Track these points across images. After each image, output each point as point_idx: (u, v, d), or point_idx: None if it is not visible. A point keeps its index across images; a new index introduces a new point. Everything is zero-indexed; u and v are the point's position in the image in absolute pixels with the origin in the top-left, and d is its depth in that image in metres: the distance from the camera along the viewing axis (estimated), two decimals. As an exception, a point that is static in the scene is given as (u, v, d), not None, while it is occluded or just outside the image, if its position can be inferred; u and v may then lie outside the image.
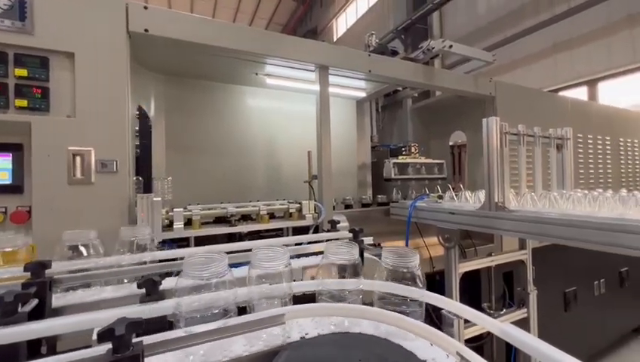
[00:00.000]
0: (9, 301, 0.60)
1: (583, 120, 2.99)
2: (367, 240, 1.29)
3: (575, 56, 5.34)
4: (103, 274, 0.90)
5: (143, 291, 0.72)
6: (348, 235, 1.32)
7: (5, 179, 1.22)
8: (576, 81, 5.41)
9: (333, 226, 1.45)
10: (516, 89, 2.72)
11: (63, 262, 0.90)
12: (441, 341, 0.53)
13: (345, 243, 0.80)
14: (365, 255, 1.12)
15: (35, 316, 0.67)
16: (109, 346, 0.43)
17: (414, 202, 1.97)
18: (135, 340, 0.46)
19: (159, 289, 0.72)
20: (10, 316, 0.60)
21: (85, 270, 0.91)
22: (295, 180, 2.39)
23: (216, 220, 1.71)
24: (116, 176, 1.31)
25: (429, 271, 2.06)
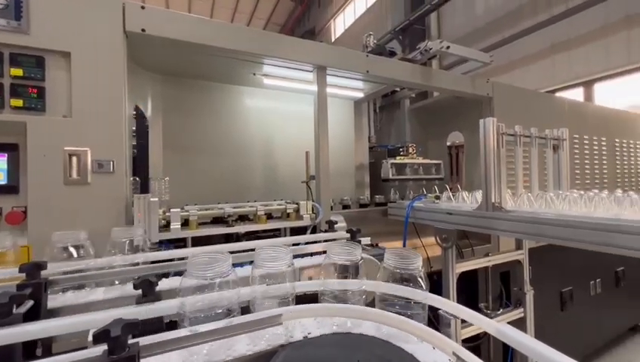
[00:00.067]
0: (4, 302, 0.60)
1: (579, 121, 3.01)
2: (365, 240, 1.29)
3: (573, 57, 5.38)
4: (99, 275, 0.89)
5: (139, 292, 0.71)
6: (345, 236, 1.32)
7: (0, 179, 1.22)
8: (573, 82, 5.44)
9: (330, 227, 1.45)
10: (513, 90, 2.73)
11: (58, 263, 0.89)
12: (438, 341, 0.53)
13: (348, 244, 0.80)
14: (363, 255, 1.12)
15: (31, 317, 0.66)
16: (104, 347, 0.43)
17: (412, 202, 1.97)
18: (131, 341, 0.46)
19: (156, 290, 0.72)
20: (5, 317, 0.59)
21: (81, 271, 0.90)
22: (293, 180, 2.39)
23: (214, 221, 1.71)
24: (113, 177, 1.30)
25: (426, 271, 2.06)
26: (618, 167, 3.32)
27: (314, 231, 1.78)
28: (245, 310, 0.67)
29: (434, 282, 1.94)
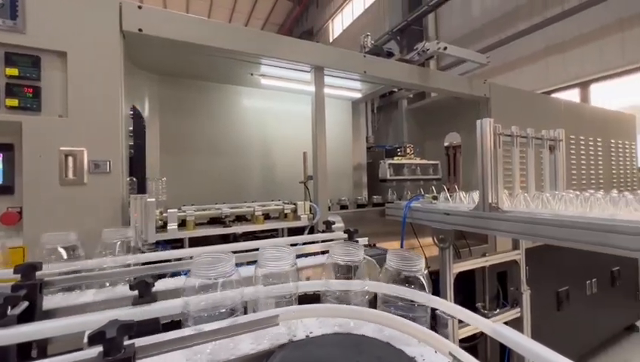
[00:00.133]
0: (-2, 303, 0.59)
1: (575, 121, 3.02)
2: (363, 240, 1.29)
3: (568, 59, 5.41)
4: (95, 276, 0.89)
5: (135, 293, 0.71)
6: (343, 236, 1.32)
7: (-5, 179, 1.21)
8: (569, 83, 5.47)
9: (328, 227, 1.46)
10: (510, 91, 2.74)
11: (54, 264, 0.89)
12: (434, 341, 0.53)
13: (350, 244, 0.81)
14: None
15: (25, 319, 0.66)
16: (100, 349, 0.43)
17: (409, 203, 1.98)
18: (127, 342, 0.46)
19: (152, 291, 0.72)
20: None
21: (77, 272, 0.90)
22: (290, 181, 2.39)
23: (211, 221, 1.71)
24: (109, 177, 1.30)
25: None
26: (614, 168, 3.34)
27: (311, 232, 1.78)
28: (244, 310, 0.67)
29: (431, 282, 1.94)
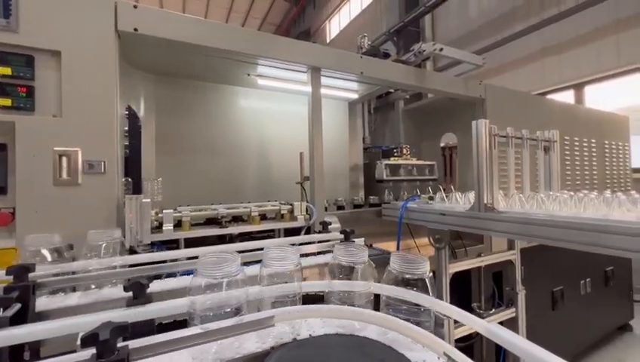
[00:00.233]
0: (-10, 305, 0.59)
1: (570, 122, 3.05)
2: (359, 241, 1.30)
3: (563, 60, 5.46)
4: (89, 278, 0.88)
5: (130, 294, 0.71)
6: (339, 237, 1.32)
7: (-12, 179, 1.19)
8: (564, 85, 5.52)
9: (324, 227, 1.46)
10: (506, 92, 2.76)
11: (47, 266, 0.88)
12: (429, 341, 0.53)
13: (354, 246, 0.81)
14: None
15: (18, 321, 0.65)
16: (93, 351, 0.42)
17: (406, 203, 1.98)
18: (120, 344, 0.46)
19: (147, 292, 0.71)
20: (-9, 321, 0.58)
21: (71, 273, 0.89)
22: (287, 181, 2.39)
23: (207, 222, 1.70)
24: (104, 177, 1.29)
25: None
26: (607, 169, 3.38)
27: (308, 232, 1.78)
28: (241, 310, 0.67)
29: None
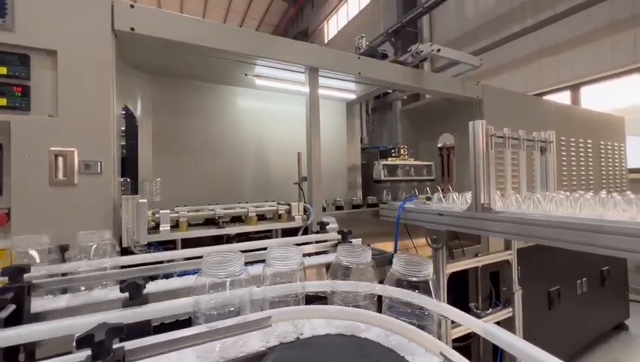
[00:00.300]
0: (-16, 307, 0.58)
1: (566, 123, 3.07)
2: (356, 241, 1.30)
3: (560, 61, 5.49)
4: (85, 279, 0.88)
5: (126, 295, 0.70)
6: (337, 237, 1.32)
7: (-17, 180, 1.18)
8: (561, 86, 5.56)
9: (322, 228, 1.46)
10: (502, 92, 2.78)
11: (42, 266, 0.87)
12: (425, 341, 0.54)
13: (358, 247, 0.82)
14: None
15: (13, 322, 0.65)
16: (88, 353, 0.42)
17: (403, 203, 1.99)
18: (116, 346, 0.46)
19: (143, 293, 0.71)
20: (-15, 322, 0.58)
21: (67, 274, 0.88)
22: (285, 181, 2.39)
23: (204, 222, 1.69)
24: (100, 177, 1.28)
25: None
26: (603, 169, 3.40)
27: (305, 233, 1.78)
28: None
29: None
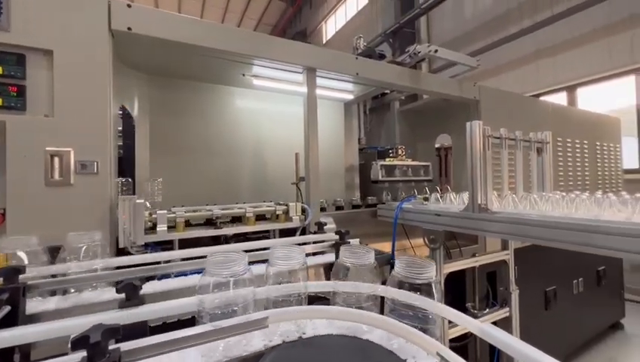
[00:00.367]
0: (-22, 308, 0.58)
1: (562, 124, 3.09)
2: (354, 241, 1.30)
3: (558, 62, 5.53)
4: (81, 279, 0.87)
5: (122, 296, 0.70)
6: (334, 237, 1.32)
7: (-22, 180, 1.17)
8: (557, 87, 5.59)
9: (320, 228, 1.46)
10: (499, 93, 2.79)
11: (38, 268, 0.87)
12: (421, 341, 0.54)
13: (360, 247, 0.82)
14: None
15: (8, 323, 0.64)
16: (83, 354, 0.42)
17: (401, 204, 1.99)
18: (112, 347, 0.45)
19: (139, 293, 0.71)
20: (-20, 324, 0.57)
21: (63, 275, 0.88)
22: (283, 182, 2.38)
23: (202, 222, 1.69)
24: (97, 178, 1.27)
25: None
26: (599, 169, 3.42)
27: (303, 233, 1.78)
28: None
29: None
